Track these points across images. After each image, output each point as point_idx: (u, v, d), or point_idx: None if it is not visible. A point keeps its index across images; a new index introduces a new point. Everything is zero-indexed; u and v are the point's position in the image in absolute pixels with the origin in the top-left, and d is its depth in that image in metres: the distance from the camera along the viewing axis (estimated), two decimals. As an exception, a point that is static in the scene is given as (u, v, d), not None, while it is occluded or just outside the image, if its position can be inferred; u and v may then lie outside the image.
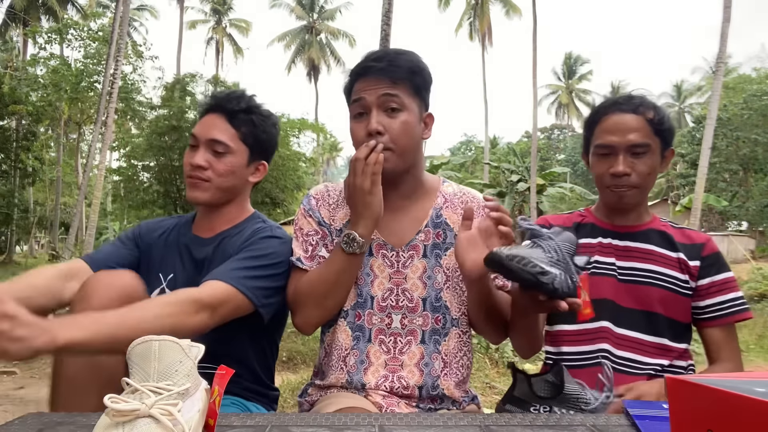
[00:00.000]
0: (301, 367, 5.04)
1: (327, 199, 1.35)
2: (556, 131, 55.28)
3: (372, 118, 1.22)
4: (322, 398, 1.29)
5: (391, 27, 8.73)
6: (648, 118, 1.35)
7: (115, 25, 13.24)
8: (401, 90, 1.23)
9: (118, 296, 1.10)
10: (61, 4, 26.59)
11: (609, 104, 1.41)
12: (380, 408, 1.22)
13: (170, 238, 1.48)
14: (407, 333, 1.27)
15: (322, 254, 1.30)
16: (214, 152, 1.39)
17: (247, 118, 1.43)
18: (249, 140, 1.43)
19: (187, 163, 1.41)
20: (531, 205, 20.64)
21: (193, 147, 1.42)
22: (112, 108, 12.60)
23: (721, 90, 14.02)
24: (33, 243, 24.82)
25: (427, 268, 1.29)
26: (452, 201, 1.35)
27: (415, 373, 1.25)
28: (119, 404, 0.64)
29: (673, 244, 1.41)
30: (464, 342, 1.32)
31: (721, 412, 0.44)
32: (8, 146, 19.17)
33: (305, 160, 15.45)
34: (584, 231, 1.46)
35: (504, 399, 1.15)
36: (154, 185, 13.48)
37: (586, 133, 1.46)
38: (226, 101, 1.43)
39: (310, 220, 1.33)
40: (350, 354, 1.27)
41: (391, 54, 1.27)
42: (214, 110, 1.43)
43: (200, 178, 1.39)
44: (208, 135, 1.40)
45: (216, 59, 39.27)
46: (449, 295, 1.30)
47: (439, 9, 32.40)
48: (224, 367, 0.81)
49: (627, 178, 1.34)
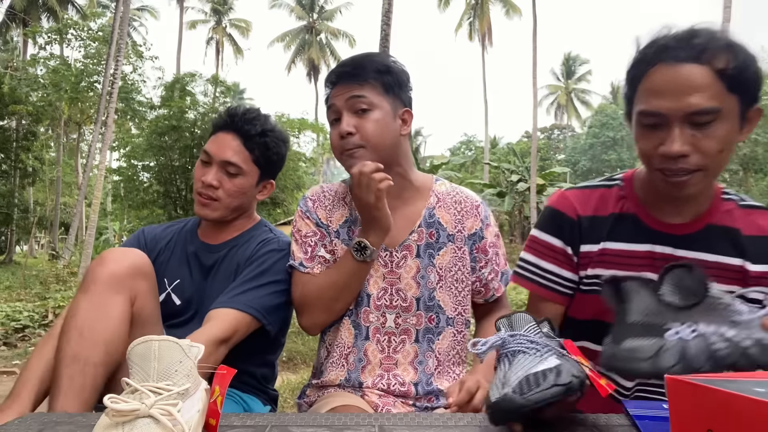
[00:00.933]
0: (301, 367, 5.04)
1: (323, 200, 1.35)
2: (556, 131, 55.27)
3: (342, 122, 1.25)
4: (319, 398, 1.30)
5: (391, 27, 8.73)
6: (718, 69, 0.93)
7: (115, 25, 13.24)
8: (368, 90, 1.25)
9: (127, 271, 1.16)
10: (61, 4, 26.59)
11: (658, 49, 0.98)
12: (376, 407, 1.23)
13: (176, 245, 1.49)
14: (401, 332, 1.29)
15: (322, 254, 1.31)
16: (226, 172, 1.41)
17: (261, 141, 1.44)
18: (261, 162, 1.45)
19: (199, 179, 1.42)
20: (531, 205, 20.64)
21: (205, 163, 1.43)
22: (112, 108, 12.59)
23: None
24: (33, 243, 24.83)
25: (420, 267, 1.30)
26: (445, 200, 1.35)
27: (410, 371, 1.27)
28: (119, 404, 0.64)
29: (737, 244, 1.08)
30: (458, 341, 1.33)
31: (721, 412, 0.44)
32: (8, 146, 19.15)
33: (305, 160, 15.46)
34: (625, 230, 1.12)
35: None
36: (154, 185, 13.49)
37: (627, 90, 1.05)
38: (243, 122, 1.42)
39: (308, 221, 1.34)
40: (351, 352, 1.28)
41: (357, 58, 1.30)
42: (229, 129, 1.43)
43: (210, 197, 1.41)
44: (223, 156, 1.41)
45: (216, 59, 39.29)
46: (443, 295, 1.30)
47: (439, 9, 32.43)
48: (224, 367, 0.81)
49: (686, 159, 0.95)
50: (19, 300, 8.80)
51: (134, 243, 1.50)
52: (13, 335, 6.65)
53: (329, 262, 1.30)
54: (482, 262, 1.36)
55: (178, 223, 1.58)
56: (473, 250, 1.35)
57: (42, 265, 13.11)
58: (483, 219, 1.37)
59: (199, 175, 1.42)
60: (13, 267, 17.85)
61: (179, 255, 1.47)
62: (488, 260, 1.36)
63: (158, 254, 1.47)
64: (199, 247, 1.47)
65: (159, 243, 1.50)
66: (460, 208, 1.36)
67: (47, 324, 7.05)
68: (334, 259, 1.30)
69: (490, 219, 1.40)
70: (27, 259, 15.90)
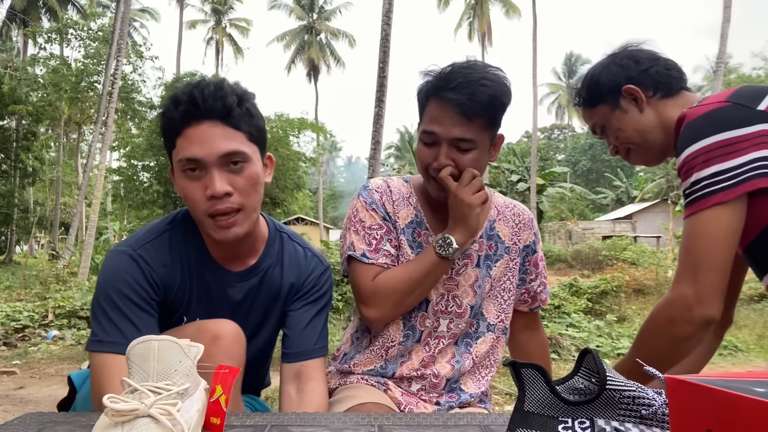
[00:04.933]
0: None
1: (390, 194, 1.33)
2: (556, 131, 55.28)
3: (441, 155, 1.21)
4: (341, 388, 1.31)
5: (391, 27, 8.73)
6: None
7: (116, 24, 13.23)
8: (474, 129, 1.19)
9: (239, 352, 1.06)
10: (62, 3, 26.59)
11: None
12: (398, 404, 1.25)
13: (189, 276, 1.16)
14: (450, 336, 1.31)
15: (387, 248, 1.29)
16: (229, 170, 1.06)
17: (243, 112, 1.09)
18: (255, 136, 1.12)
19: (200, 198, 1.06)
20: (531, 205, 20.65)
21: (193, 174, 1.06)
22: (113, 108, 12.58)
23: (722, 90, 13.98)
24: (33, 243, 24.82)
25: (479, 277, 1.32)
26: (504, 214, 1.38)
27: (446, 367, 1.30)
28: (118, 404, 0.64)
29: None
30: (494, 347, 1.36)
31: (721, 412, 0.44)
32: (8, 146, 19.16)
33: (305, 159, 15.46)
34: None
35: (512, 421, 0.70)
36: (154, 185, 13.50)
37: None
38: (213, 101, 1.05)
39: (373, 213, 1.30)
40: (395, 347, 1.29)
41: (473, 82, 1.17)
42: (202, 118, 1.05)
43: (231, 209, 1.06)
44: (219, 150, 1.04)
45: (216, 59, 39.27)
46: (488, 303, 1.34)
47: (438, 9, 32.39)
48: (225, 366, 0.80)
49: None
50: (19, 300, 8.81)
51: (142, 280, 1.09)
52: (13, 335, 6.66)
53: (393, 257, 1.29)
54: (533, 275, 1.41)
55: (169, 233, 1.17)
56: (525, 262, 1.40)
57: (42, 265, 13.12)
58: (536, 232, 1.42)
59: (197, 194, 1.06)
60: (13, 267, 17.86)
61: (197, 289, 1.17)
62: (538, 273, 1.41)
63: (173, 297, 1.15)
64: (222, 278, 1.18)
65: (172, 283, 1.14)
66: (518, 221, 1.39)
67: (47, 324, 7.05)
68: (397, 255, 1.29)
69: (539, 233, 1.45)
70: (27, 259, 15.90)
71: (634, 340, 1.17)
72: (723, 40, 12.35)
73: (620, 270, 11.06)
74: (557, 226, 25.12)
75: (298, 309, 1.23)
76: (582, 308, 8.39)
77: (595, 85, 1.28)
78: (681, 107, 1.19)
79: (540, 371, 0.68)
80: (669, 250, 14.47)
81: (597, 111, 1.30)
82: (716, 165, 1.03)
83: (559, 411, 0.66)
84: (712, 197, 1.02)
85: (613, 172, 39.18)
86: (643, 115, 1.24)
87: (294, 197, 14.47)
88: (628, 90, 1.23)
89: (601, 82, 1.26)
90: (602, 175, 42.12)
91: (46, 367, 5.48)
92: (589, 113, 1.32)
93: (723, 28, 12.35)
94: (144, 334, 0.98)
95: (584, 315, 8.05)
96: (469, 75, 1.18)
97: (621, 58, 1.27)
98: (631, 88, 1.23)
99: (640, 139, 1.25)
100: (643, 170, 37.10)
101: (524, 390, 0.69)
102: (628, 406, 0.65)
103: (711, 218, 1.03)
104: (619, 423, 0.64)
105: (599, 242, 18.70)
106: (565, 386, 0.70)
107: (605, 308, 8.85)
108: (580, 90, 1.32)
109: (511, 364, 0.70)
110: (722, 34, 12.35)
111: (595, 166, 44.00)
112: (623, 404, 0.65)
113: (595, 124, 1.32)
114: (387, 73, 8.65)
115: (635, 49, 1.29)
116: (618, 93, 1.24)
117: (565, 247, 20.31)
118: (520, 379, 0.68)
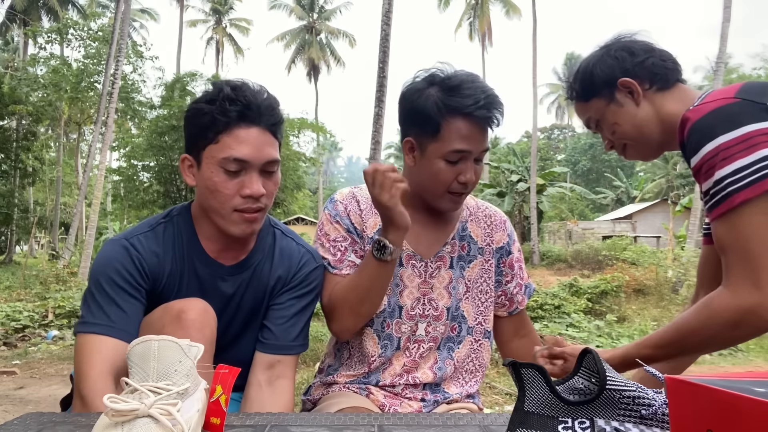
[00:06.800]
0: (301, 366, 5.04)
1: (356, 204, 1.33)
2: (556, 131, 55.29)
3: (469, 171, 1.22)
4: (324, 397, 1.30)
5: (391, 27, 8.73)
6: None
7: (116, 24, 13.23)
8: (487, 139, 1.25)
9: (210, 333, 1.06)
10: (62, 3, 26.59)
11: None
12: (382, 407, 1.24)
13: (180, 267, 1.18)
14: (430, 340, 1.30)
15: (351, 259, 1.29)
16: (265, 173, 1.14)
17: (281, 123, 1.19)
18: (280, 141, 1.21)
19: (233, 194, 1.11)
20: (531, 205, 20.64)
21: (234, 173, 1.11)
22: (113, 108, 12.58)
23: (721, 90, 13.96)
24: (33, 243, 24.80)
25: (452, 278, 1.32)
26: (476, 215, 1.38)
27: (428, 374, 1.30)
28: (118, 404, 0.64)
29: None
30: (475, 350, 1.35)
31: (721, 412, 0.44)
32: (8, 146, 19.15)
33: (305, 159, 15.46)
34: None
35: (512, 421, 0.70)
36: (154, 185, 13.52)
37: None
38: (267, 110, 1.14)
39: (338, 226, 1.31)
40: (375, 360, 1.29)
41: (491, 96, 1.21)
42: (254, 122, 1.12)
43: (260, 209, 1.14)
44: (266, 157, 1.12)
45: (216, 59, 39.27)
46: (467, 305, 1.34)
47: (438, 9, 32.40)
48: (225, 366, 0.80)
49: None
50: (19, 300, 8.81)
51: (131, 267, 1.12)
52: (13, 335, 6.66)
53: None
54: (508, 276, 1.40)
55: (164, 226, 1.20)
56: (500, 263, 1.39)
57: (42, 265, 13.10)
58: (510, 234, 1.42)
59: (231, 190, 1.11)
60: (13, 267, 17.86)
61: (190, 282, 1.19)
62: (514, 275, 1.41)
63: (163, 287, 1.17)
64: (215, 272, 1.20)
65: (162, 272, 1.16)
66: (490, 222, 1.39)
67: (47, 324, 7.06)
68: None
69: (514, 234, 1.44)
70: (27, 259, 15.89)
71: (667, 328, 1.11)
72: (723, 40, 12.33)
73: (620, 270, 11.05)
74: (557, 226, 25.12)
75: (283, 302, 1.23)
76: (582, 308, 8.39)
77: (590, 78, 1.24)
78: (678, 100, 1.18)
79: (540, 371, 0.68)
80: (669, 250, 14.45)
81: (591, 105, 1.26)
82: (737, 161, 1.00)
83: (559, 411, 0.67)
84: (739, 194, 1.00)
85: (613, 172, 39.17)
86: (640, 108, 1.20)
87: (294, 197, 14.48)
88: (624, 83, 1.19)
89: (596, 75, 1.22)
90: (602, 175, 42.11)
91: (46, 367, 5.48)
92: (583, 107, 1.29)
93: (723, 28, 12.34)
94: (130, 318, 1.07)
95: (584, 315, 8.05)
96: (485, 89, 1.20)
97: (615, 49, 1.22)
98: (628, 81, 1.19)
99: (637, 134, 1.22)
100: (643, 170, 37.12)
101: (524, 390, 0.69)
102: (628, 406, 0.65)
103: (752, 215, 1.00)
104: (619, 423, 0.64)
105: (599, 242, 18.69)
106: (565, 386, 0.70)
107: (605, 308, 8.84)
108: (573, 83, 1.28)
109: (511, 364, 0.70)
110: (722, 34, 12.34)
111: (595, 166, 43.99)
112: (623, 404, 0.65)
113: (590, 119, 1.29)
114: (387, 73, 8.66)
115: (629, 40, 1.25)
116: (613, 86, 1.21)
117: (565, 247, 20.31)
118: (520, 379, 0.69)
